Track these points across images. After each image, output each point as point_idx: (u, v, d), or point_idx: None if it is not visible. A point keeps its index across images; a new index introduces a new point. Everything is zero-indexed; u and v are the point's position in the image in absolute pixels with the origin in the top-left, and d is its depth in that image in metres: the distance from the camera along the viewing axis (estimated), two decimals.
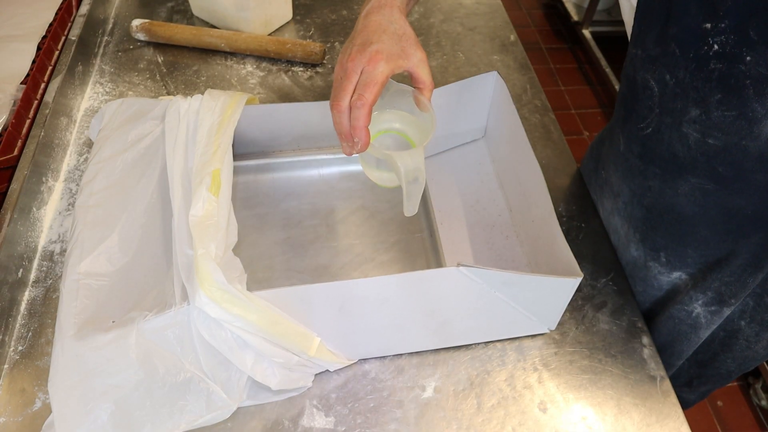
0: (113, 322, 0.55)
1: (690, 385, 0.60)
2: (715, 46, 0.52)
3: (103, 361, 0.53)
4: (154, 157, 0.69)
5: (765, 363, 1.40)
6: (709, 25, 0.52)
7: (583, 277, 0.70)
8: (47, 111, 0.80)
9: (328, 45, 1.01)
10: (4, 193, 0.72)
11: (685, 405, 0.80)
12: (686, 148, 0.59)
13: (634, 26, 0.60)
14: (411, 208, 0.59)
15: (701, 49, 0.53)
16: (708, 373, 0.73)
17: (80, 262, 0.59)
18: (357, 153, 0.55)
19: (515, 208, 0.75)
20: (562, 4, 2.45)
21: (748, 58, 0.50)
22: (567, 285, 0.58)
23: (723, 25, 0.51)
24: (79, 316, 0.55)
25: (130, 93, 0.91)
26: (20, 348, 0.63)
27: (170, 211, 0.61)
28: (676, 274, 0.70)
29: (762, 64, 0.49)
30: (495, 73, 0.74)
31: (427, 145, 0.58)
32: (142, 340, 0.54)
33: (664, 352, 0.73)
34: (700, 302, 0.69)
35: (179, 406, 0.55)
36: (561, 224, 0.74)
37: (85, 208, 0.64)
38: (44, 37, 0.92)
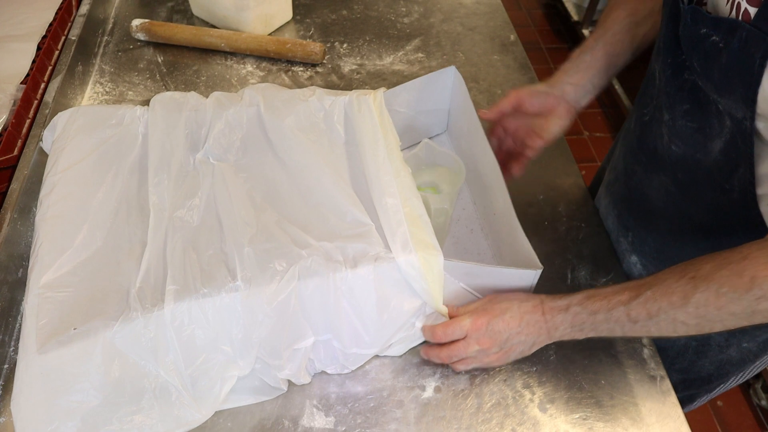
0: (75, 329, 0.53)
1: (675, 390, 0.62)
2: (687, 62, 0.54)
3: (68, 378, 0.52)
4: (114, 163, 0.68)
5: None
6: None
7: (583, 277, 0.70)
8: (47, 111, 0.80)
9: (328, 45, 1.01)
10: (4, 193, 0.72)
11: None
12: (661, 147, 0.62)
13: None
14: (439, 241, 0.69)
15: (679, 58, 0.55)
16: (690, 377, 0.75)
17: (41, 277, 0.57)
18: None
19: (479, 201, 0.76)
20: (562, 4, 2.45)
21: (699, 83, 0.53)
22: (527, 276, 0.59)
23: (680, 49, 0.53)
24: (42, 331, 0.53)
25: (130, 93, 0.91)
26: None
27: (138, 215, 0.61)
28: (634, 258, 0.72)
29: (710, 91, 0.52)
30: (453, 68, 0.74)
31: (456, 191, 0.71)
32: (110, 350, 0.52)
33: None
34: None
35: (148, 422, 0.54)
36: (561, 224, 0.74)
37: (44, 221, 0.62)
38: (44, 37, 0.92)
